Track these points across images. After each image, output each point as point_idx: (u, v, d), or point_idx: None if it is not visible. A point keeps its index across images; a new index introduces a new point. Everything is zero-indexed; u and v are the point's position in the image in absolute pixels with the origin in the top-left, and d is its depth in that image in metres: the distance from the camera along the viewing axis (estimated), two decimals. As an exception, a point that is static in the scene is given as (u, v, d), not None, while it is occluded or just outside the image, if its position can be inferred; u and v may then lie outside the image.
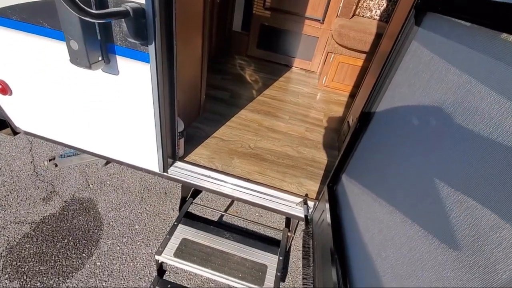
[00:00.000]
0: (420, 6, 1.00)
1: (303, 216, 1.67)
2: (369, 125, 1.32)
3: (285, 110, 2.73)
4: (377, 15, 3.21)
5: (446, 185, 0.65)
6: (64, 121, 1.71)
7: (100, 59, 1.28)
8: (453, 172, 0.65)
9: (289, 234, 2.02)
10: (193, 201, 2.09)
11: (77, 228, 2.27)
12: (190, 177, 1.79)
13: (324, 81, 3.20)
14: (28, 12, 1.30)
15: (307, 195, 1.82)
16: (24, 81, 1.58)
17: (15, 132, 1.90)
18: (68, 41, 1.18)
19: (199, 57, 2.04)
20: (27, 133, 1.87)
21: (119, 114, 1.56)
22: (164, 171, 1.76)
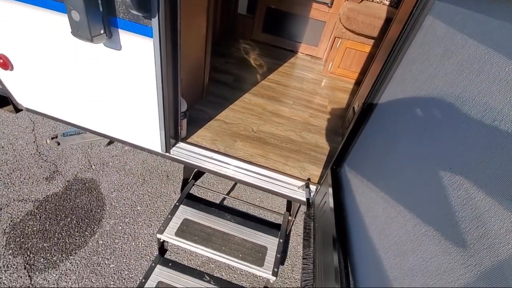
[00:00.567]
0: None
1: (304, 199, 1.67)
2: (376, 106, 1.29)
3: (289, 95, 2.69)
4: (387, 0, 3.12)
5: (460, 164, 0.64)
6: (66, 98, 1.69)
7: (102, 32, 1.25)
8: (470, 147, 0.63)
9: (289, 218, 2.02)
10: (195, 183, 2.09)
11: (80, 207, 2.29)
12: (193, 158, 1.78)
13: (330, 67, 3.14)
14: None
15: (309, 179, 1.81)
16: (25, 55, 1.55)
17: (17, 109, 1.88)
18: (70, 11, 1.14)
19: (203, 38, 2.00)
20: (29, 110, 1.86)
21: (122, 91, 1.53)
22: (166, 152, 1.75)
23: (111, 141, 2.19)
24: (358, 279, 0.98)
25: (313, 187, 1.75)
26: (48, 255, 1.97)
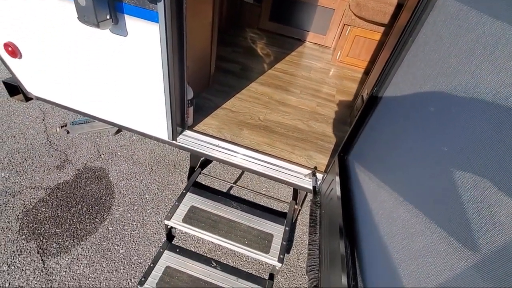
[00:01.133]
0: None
1: (311, 187, 1.66)
2: (386, 92, 1.26)
3: (297, 84, 2.66)
4: (398, -15, 3.01)
5: (472, 152, 0.62)
6: (74, 85, 1.70)
7: (108, 17, 1.24)
8: (481, 129, 0.60)
9: (295, 207, 2.02)
10: (202, 171, 2.11)
11: (90, 195, 2.34)
12: (199, 146, 1.79)
13: (338, 56, 3.08)
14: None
15: (316, 167, 1.80)
16: (33, 43, 1.57)
17: (27, 97, 1.91)
18: (75, -4, 1.14)
19: (209, 26, 1.98)
20: (38, 98, 1.88)
21: (128, 78, 1.54)
22: (173, 139, 1.76)
23: (119, 130, 2.21)
24: (364, 264, 0.97)
25: (319, 176, 1.74)
26: (60, 240, 2.03)
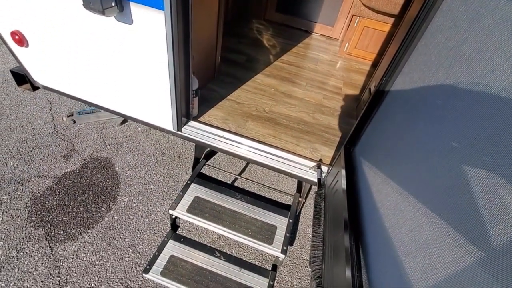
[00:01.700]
0: None
1: (315, 180, 1.65)
2: (394, 84, 1.23)
3: (303, 76, 2.62)
4: (409, -25, 2.92)
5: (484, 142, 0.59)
6: (80, 75, 1.70)
7: (113, 4, 1.23)
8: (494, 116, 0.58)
9: (299, 199, 2.01)
10: (206, 163, 2.11)
11: (96, 185, 2.37)
12: (204, 136, 1.78)
13: (346, 48, 3.02)
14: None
15: (321, 160, 1.78)
16: (40, 31, 1.57)
17: (34, 86, 1.92)
18: (80, -18, 1.13)
19: (215, 16, 1.95)
20: (45, 87, 1.89)
21: (133, 67, 1.53)
22: (178, 130, 1.76)
23: (124, 120, 2.22)
24: (369, 255, 0.96)
25: (324, 168, 1.72)
26: (68, 228, 2.06)
